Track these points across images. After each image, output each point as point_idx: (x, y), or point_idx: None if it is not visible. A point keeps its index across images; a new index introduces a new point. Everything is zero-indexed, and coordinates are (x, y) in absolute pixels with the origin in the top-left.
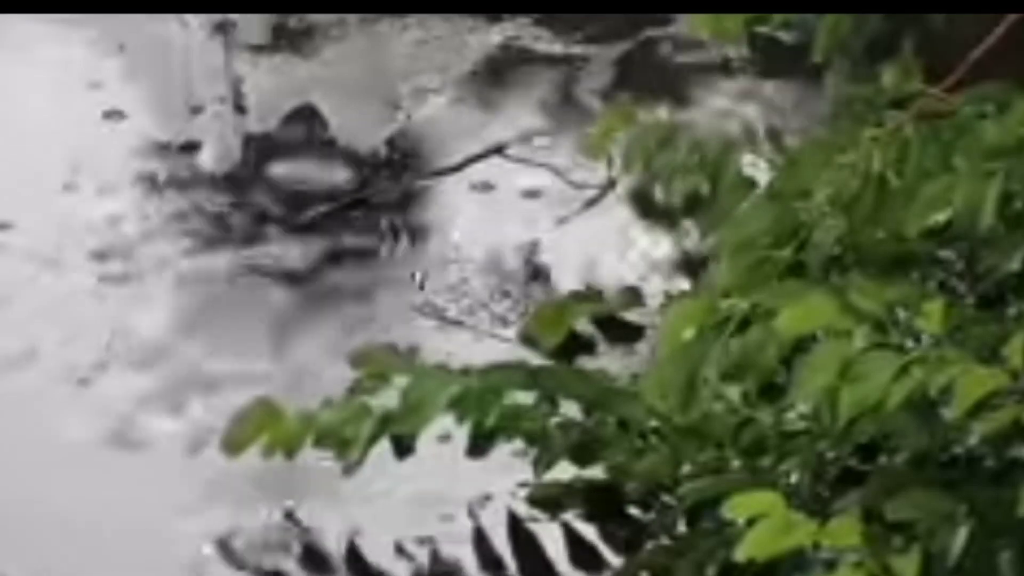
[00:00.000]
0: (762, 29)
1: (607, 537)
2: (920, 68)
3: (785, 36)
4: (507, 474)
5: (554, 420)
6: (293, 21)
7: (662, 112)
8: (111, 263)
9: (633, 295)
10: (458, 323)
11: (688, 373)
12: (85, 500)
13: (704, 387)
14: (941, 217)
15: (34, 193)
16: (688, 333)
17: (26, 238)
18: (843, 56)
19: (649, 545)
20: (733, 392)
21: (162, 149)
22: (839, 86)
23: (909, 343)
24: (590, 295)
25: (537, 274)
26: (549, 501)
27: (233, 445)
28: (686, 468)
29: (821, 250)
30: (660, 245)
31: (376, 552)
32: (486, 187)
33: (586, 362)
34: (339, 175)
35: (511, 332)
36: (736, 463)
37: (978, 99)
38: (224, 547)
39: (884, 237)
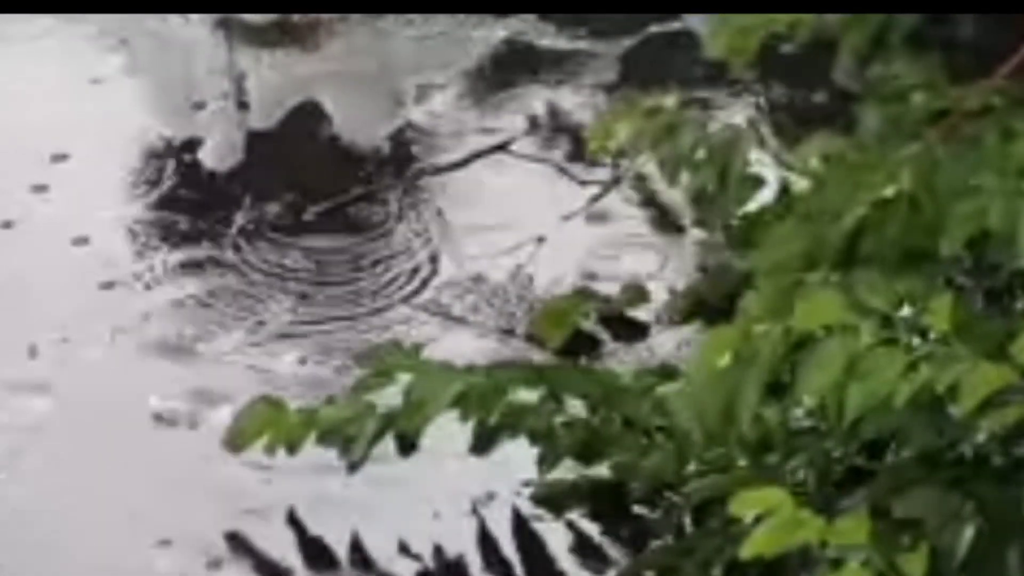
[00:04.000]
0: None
1: (612, 536)
2: (947, 81)
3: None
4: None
5: (559, 418)
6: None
7: (668, 101)
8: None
9: (638, 292)
10: (462, 321)
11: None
12: None
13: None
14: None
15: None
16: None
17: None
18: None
19: (654, 544)
20: None
21: (164, 145)
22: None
23: (916, 340)
24: (595, 293)
25: (540, 272)
26: (554, 500)
27: (236, 442)
28: (692, 466)
29: (831, 244)
30: (664, 241)
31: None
32: (488, 184)
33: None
34: (342, 171)
35: (515, 330)
36: (742, 461)
37: (987, 94)
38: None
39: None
